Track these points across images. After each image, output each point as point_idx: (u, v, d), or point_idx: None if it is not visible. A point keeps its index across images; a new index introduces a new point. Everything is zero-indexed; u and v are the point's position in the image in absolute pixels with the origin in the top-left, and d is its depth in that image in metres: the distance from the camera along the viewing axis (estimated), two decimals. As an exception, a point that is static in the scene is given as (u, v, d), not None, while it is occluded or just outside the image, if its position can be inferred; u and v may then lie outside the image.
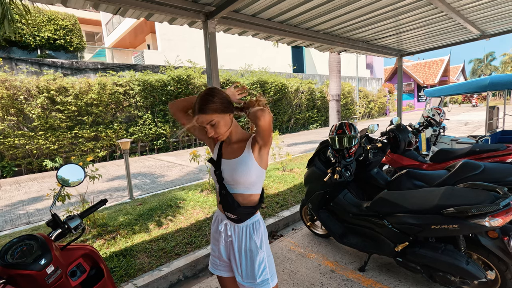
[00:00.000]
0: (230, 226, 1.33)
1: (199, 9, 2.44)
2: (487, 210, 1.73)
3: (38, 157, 8.24)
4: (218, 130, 1.23)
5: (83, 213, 1.36)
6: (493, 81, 4.43)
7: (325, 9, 2.88)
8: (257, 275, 1.30)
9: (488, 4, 3.04)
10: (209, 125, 1.23)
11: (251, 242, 1.31)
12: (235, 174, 1.26)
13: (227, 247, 1.36)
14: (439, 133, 5.09)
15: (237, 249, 1.32)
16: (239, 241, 1.32)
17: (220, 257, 1.40)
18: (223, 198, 1.29)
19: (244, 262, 1.32)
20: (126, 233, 3.25)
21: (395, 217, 2.14)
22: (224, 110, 1.23)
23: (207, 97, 1.22)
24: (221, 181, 1.30)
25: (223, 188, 1.29)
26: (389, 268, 2.49)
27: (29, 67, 8.52)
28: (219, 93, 1.25)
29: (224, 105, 1.23)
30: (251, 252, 1.31)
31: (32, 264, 1.05)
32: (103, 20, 18.99)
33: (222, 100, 1.23)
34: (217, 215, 1.42)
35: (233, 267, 1.36)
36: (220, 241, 1.36)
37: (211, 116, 1.21)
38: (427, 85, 27.29)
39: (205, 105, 1.21)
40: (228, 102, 1.26)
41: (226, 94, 1.27)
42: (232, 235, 1.33)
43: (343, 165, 2.50)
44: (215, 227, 1.40)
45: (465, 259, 1.88)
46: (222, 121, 1.23)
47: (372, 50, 4.68)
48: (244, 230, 1.32)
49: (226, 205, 1.28)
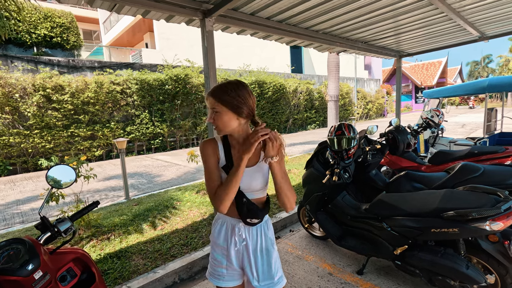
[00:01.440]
0: (244, 230, 1.27)
1: (197, 7, 2.40)
2: (488, 213, 1.71)
3: (34, 156, 8.14)
4: (216, 121, 1.18)
5: (73, 215, 1.31)
6: (491, 83, 4.43)
7: (324, 8, 2.85)
8: (274, 273, 1.29)
9: (488, 5, 3.02)
10: (212, 110, 1.19)
11: (267, 240, 1.30)
12: (254, 182, 1.23)
13: (240, 252, 1.29)
14: (437, 134, 5.09)
15: (252, 251, 1.27)
16: (254, 242, 1.28)
17: (229, 266, 1.30)
18: (244, 206, 1.22)
19: (261, 263, 1.28)
20: (121, 234, 3.20)
21: (394, 219, 2.11)
22: (234, 108, 1.16)
23: (226, 86, 1.18)
24: (238, 189, 1.21)
25: (242, 196, 1.22)
26: (388, 272, 2.47)
27: (25, 64, 8.43)
28: (242, 90, 1.18)
29: (235, 104, 1.16)
30: (267, 251, 1.29)
31: (19, 269, 1.01)
32: (101, 18, 18.86)
33: (238, 99, 1.16)
34: (225, 223, 1.30)
35: (248, 272, 1.29)
36: (231, 250, 1.28)
37: (217, 104, 1.16)
38: (425, 87, 27.39)
39: (219, 90, 1.17)
40: (244, 106, 1.17)
41: (252, 102, 1.20)
42: (247, 238, 1.27)
43: (341, 166, 2.47)
44: (224, 236, 1.29)
45: (465, 263, 1.86)
46: (226, 116, 1.17)
47: (371, 51, 4.66)
48: (259, 230, 1.29)
49: (249, 212, 1.22)
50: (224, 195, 1.14)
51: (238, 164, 1.13)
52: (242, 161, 1.12)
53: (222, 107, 1.16)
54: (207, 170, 1.23)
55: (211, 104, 1.18)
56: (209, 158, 1.23)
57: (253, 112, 1.20)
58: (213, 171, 1.22)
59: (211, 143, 1.26)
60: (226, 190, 1.14)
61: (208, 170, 1.23)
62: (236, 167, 1.14)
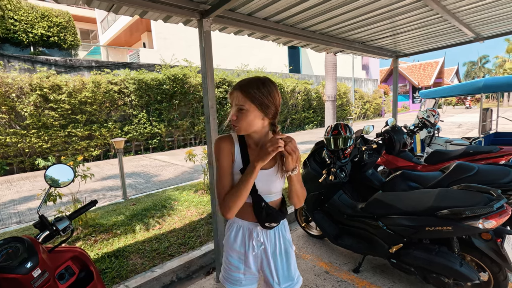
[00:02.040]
0: (262, 234, 1.21)
1: (194, 7, 2.41)
2: (481, 212, 1.74)
3: (30, 156, 8.11)
4: (240, 120, 1.08)
5: (72, 214, 1.33)
6: (487, 83, 4.47)
7: (322, 9, 2.87)
8: (294, 274, 1.28)
9: (483, 7, 3.05)
10: (237, 107, 1.08)
11: (285, 242, 1.27)
12: (273, 185, 1.17)
13: (258, 257, 1.24)
14: (434, 134, 5.13)
15: (271, 254, 1.23)
16: (272, 245, 1.24)
17: (247, 271, 1.25)
18: (263, 210, 1.15)
19: (280, 266, 1.25)
20: (118, 233, 3.21)
21: (390, 218, 2.14)
22: (262, 107, 1.08)
23: (257, 81, 1.09)
24: (256, 193, 1.15)
25: (260, 199, 1.15)
26: (383, 270, 2.49)
27: (21, 64, 8.39)
28: (272, 88, 1.10)
29: (265, 102, 1.07)
30: (287, 253, 1.27)
31: (18, 267, 1.02)
32: (98, 17, 18.80)
33: (269, 97, 1.08)
34: (242, 227, 1.23)
35: (267, 275, 1.25)
36: (249, 255, 1.22)
37: (245, 99, 1.07)
38: (422, 87, 27.54)
39: (249, 85, 1.08)
40: (272, 106, 1.10)
41: (279, 103, 1.12)
42: (265, 241, 1.22)
43: (338, 166, 2.49)
44: (241, 241, 1.23)
45: (459, 261, 1.89)
46: (251, 115, 1.08)
47: (368, 51, 4.68)
48: (276, 233, 1.25)
49: (268, 217, 1.15)
50: (232, 203, 1.08)
51: (250, 171, 1.05)
52: (254, 169, 1.04)
53: (250, 104, 1.07)
54: (221, 169, 1.15)
55: (237, 100, 1.08)
56: (223, 158, 1.14)
57: (278, 113, 1.13)
58: (226, 173, 1.14)
59: (228, 141, 1.17)
60: (235, 197, 1.07)
61: (221, 171, 1.15)
62: (248, 174, 1.06)
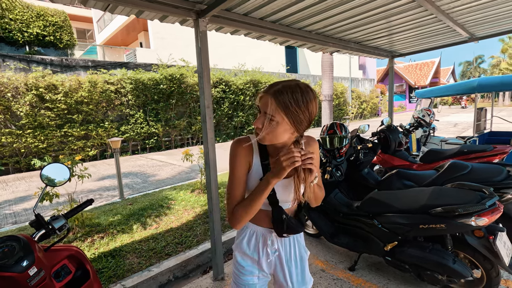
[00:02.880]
0: (276, 241, 1.15)
1: (190, 7, 2.42)
2: (473, 209, 1.76)
3: (26, 156, 8.06)
4: (267, 131, 0.93)
5: (68, 213, 1.33)
6: (481, 83, 4.52)
7: (317, 9, 2.89)
8: (307, 278, 1.24)
9: (476, 7, 3.09)
10: (266, 116, 0.92)
11: (300, 247, 1.22)
12: (292, 194, 1.05)
13: (272, 263, 1.19)
14: (429, 133, 5.17)
15: (285, 261, 1.18)
16: (287, 252, 1.19)
17: (261, 274, 1.19)
18: (284, 223, 1.07)
19: (295, 272, 1.20)
20: (115, 233, 3.20)
21: (385, 216, 2.16)
22: (296, 122, 0.93)
23: (295, 89, 0.91)
24: (276, 204, 1.07)
25: (281, 212, 1.07)
26: (379, 268, 2.52)
27: (17, 63, 8.33)
28: (312, 102, 0.93)
29: (300, 118, 0.92)
30: (301, 258, 1.22)
31: (14, 265, 1.03)
32: (95, 17, 18.70)
33: (306, 113, 0.93)
34: (255, 232, 1.16)
35: (281, 280, 1.20)
36: (262, 261, 1.16)
37: (278, 111, 0.90)
38: (418, 87, 27.70)
39: (285, 94, 0.89)
40: (306, 122, 0.95)
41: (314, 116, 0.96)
42: (280, 247, 1.16)
43: (333, 165, 2.51)
44: (254, 247, 1.16)
45: (452, 258, 1.91)
46: (281, 128, 0.93)
47: (364, 51, 4.71)
48: (291, 239, 1.19)
49: (288, 229, 1.08)
50: (243, 216, 1.00)
51: (264, 187, 0.95)
52: (269, 185, 0.95)
53: (283, 117, 0.91)
54: (234, 177, 1.04)
55: (268, 108, 0.91)
56: (239, 165, 1.03)
57: (310, 125, 0.99)
58: (240, 181, 1.03)
59: (247, 146, 1.04)
60: (246, 211, 0.99)
61: (235, 178, 1.04)
62: (262, 191, 0.96)
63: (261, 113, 0.94)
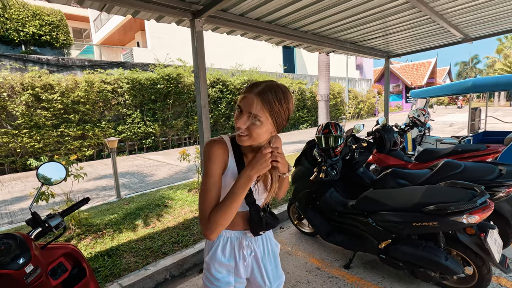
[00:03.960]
0: (251, 241, 1.16)
1: (186, 8, 2.44)
2: (465, 207, 1.80)
3: (22, 156, 8.02)
4: (251, 131, 0.93)
5: (64, 211, 1.34)
6: (475, 83, 4.57)
7: (313, 10, 2.91)
8: (280, 271, 1.26)
9: (470, 8, 3.13)
10: (251, 115, 0.91)
11: (271, 242, 1.24)
12: (264, 193, 1.10)
13: (249, 265, 1.17)
14: (424, 133, 5.22)
15: (261, 258, 1.18)
16: (261, 250, 1.19)
17: (238, 282, 1.16)
18: (262, 221, 1.08)
19: (270, 268, 1.21)
20: (112, 232, 3.21)
21: (379, 215, 2.19)
22: (277, 121, 0.95)
23: (278, 90, 0.93)
24: (254, 203, 1.08)
25: (259, 210, 1.09)
26: (373, 265, 2.55)
27: (12, 63, 8.28)
28: (291, 102, 0.97)
29: (283, 118, 0.96)
30: (274, 253, 1.24)
31: (10, 263, 1.04)
32: (91, 16, 18.61)
33: (287, 113, 0.96)
34: (229, 238, 1.13)
35: (259, 282, 1.19)
36: (239, 266, 1.14)
37: (263, 111, 0.91)
38: (415, 87, 27.86)
39: (269, 94, 0.91)
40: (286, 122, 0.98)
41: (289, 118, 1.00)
42: (255, 247, 1.16)
43: (329, 164, 2.53)
44: (230, 253, 1.12)
45: (444, 255, 1.95)
46: (264, 128, 0.94)
47: (359, 51, 4.75)
48: (264, 236, 1.21)
49: (267, 225, 1.10)
50: (221, 222, 0.93)
51: (247, 182, 0.93)
52: (251, 180, 0.93)
53: (268, 117, 0.93)
54: (210, 179, 0.98)
55: (253, 108, 0.90)
56: (215, 166, 0.99)
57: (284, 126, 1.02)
58: (216, 184, 0.98)
59: (221, 145, 1.01)
60: (226, 212, 0.93)
61: (209, 182, 0.98)
62: (242, 187, 0.93)
63: (244, 113, 0.93)
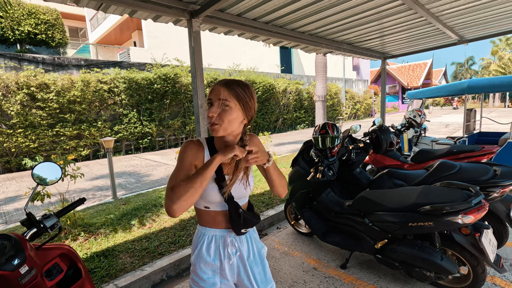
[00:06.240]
0: (236, 240, 1.17)
1: (184, 7, 2.43)
2: (460, 207, 1.81)
3: (17, 156, 7.94)
4: (222, 117, 1.02)
5: (60, 212, 1.33)
6: (470, 84, 4.61)
7: (310, 10, 2.92)
8: (269, 275, 1.26)
9: (465, 10, 3.16)
10: (220, 102, 1.02)
11: (257, 242, 1.26)
12: (246, 189, 1.15)
13: (235, 266, 1.18)
14: (420, 134, 5.27)
15: (246, 259, 1.19)
16: (246, 250, 1.20)
17: (224, 284, 1.16)
18: (241, 218, 1.12)
19: (257, 271, 1.21)
20: (108, 233, 3.19)
21: (375, 215, 2.20)
22: (245, 107, 1.06)
23: (241, 82, 1.07)
24: (232, 199, 1.12)
25: (237, 207, 1.13)
26: (370, 265, 2.56)
27: (7, 62, 8.21)
28: (253, 92, 1.10)
29: (248, 103, 1.06)
30: (260, 254, 1.25)
31: (5, 264, 1.03)
32: (88, 15, 18.50)
33: (252, 99, 1.08)
34: (214, 237, 1.16)
35: (246, 284, 1.19)
36: (224, 265, 1.15)
37: (231, 97, 1.02)
38: (411, 88, 28.04)
39: (234, 84, 1.05)
40: (252, 109, 1.09)
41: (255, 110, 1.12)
42: (240, 247, 1.18)
43: (325, 164, 2.54)
44: (215, 252, 1.15)
45: (440, 255, 1.96)
46: (235, 113, 1.04)
47: (356, 52, 4.78)
48: (248, 236, 1.22)
49: (245, 223, 1.14)
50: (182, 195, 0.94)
51: (210, 163, 1.00)
52: (214, 161, 1.00)
53: (235, 102, 1.03)
54: (179, 167, 1.05)
55: (222, 95, 1.02)
56: (187, 157, 1.07)
57: (252, 119, 1.12)
58: (184, 169, 1.05)
59: (196, 145, 1.10)
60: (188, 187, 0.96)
61: (179, 167, 1.05)
62: (207, 166, 1.00)
63: (214, 102, 1.03)
